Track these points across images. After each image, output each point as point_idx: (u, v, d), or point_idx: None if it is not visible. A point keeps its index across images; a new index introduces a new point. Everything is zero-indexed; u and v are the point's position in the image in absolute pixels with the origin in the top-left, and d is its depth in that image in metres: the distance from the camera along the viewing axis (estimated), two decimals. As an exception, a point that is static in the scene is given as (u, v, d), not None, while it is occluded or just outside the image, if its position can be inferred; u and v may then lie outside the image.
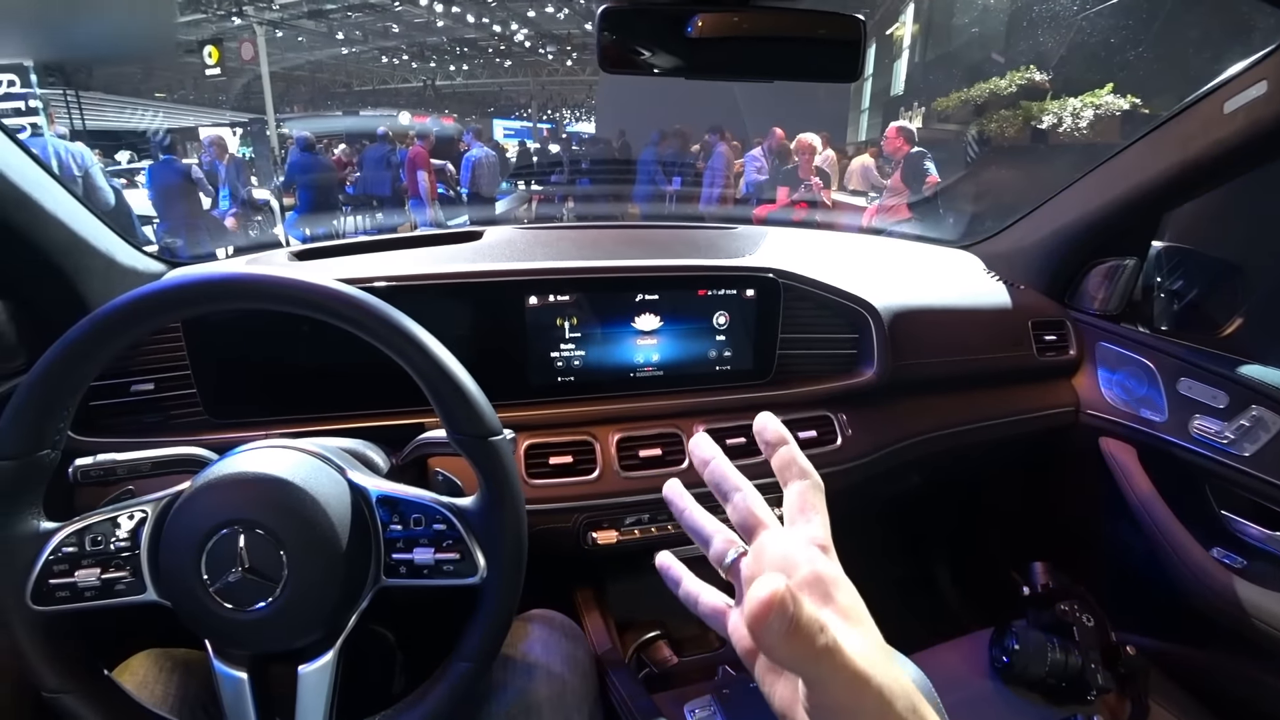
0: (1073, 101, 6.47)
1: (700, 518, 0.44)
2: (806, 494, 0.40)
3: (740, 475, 0.42)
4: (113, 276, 0.94)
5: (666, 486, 0.45)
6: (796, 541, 0.38)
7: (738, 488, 0.42)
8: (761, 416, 0.43)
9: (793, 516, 0.40)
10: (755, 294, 1.06)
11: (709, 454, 0.43)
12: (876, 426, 1.11)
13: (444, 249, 1.14)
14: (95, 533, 0.59)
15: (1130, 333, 1.24)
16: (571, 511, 0.95)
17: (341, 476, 0.63)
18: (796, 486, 0.40)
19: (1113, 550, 1.28)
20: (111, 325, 0.57)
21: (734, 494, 0.42)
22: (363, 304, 0.59)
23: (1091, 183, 1.24)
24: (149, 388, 0.90)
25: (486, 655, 0.63)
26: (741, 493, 0.41)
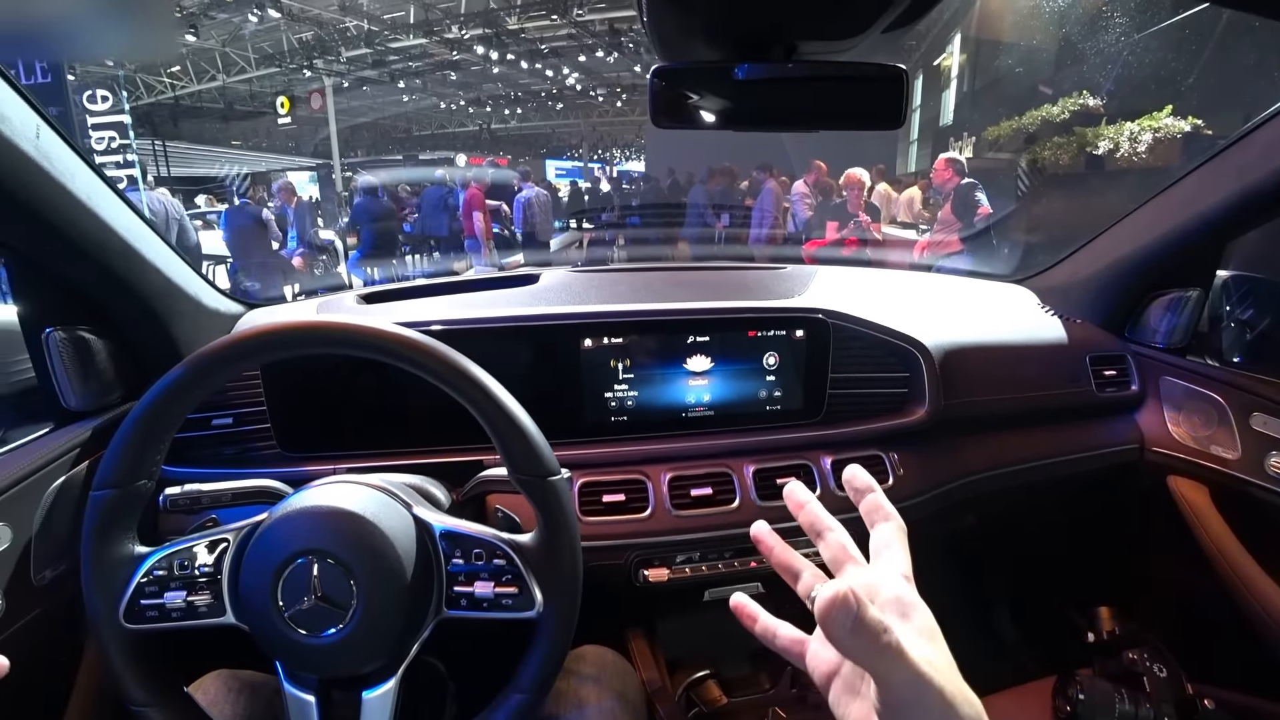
0: (1130, 125, 6.28)
1: (790, 555, 0.48)
2: (891, 533, 0.44)
3: (833, 518, 0.46)
4: (200, 318, 1.02)
5: (755, 527, 0.48)
6: (881, 571, 0.42)
7: (831, 528, 0.46)
8: (851, 468, 0.47)
9: (878, 551, 0.44)
10: (805, 334, 1.07)
11: (805, 498, 0.47)
12: (929, 466, 1.10)
13: (502, 293, 1.19)
14: (183, 557, 0.63)
15: (1197, 366, 1.20)
16: (624, 549, 0.97)
17: (407, 511, 0.66)
18: (882, 527, 0.44)
19: (1185, 596, 1.22)
20: (207, 368, 0.63)
21: (827, 533, 0.45)
22: (431, 349, 0.63)
23: (1149, 213, 1.21)
24: (228, 422, 0.97)
25: (541, 688, 0.64)
26: (835, 532, 0.45)
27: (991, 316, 1.32)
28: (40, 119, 0.71)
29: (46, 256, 0.82)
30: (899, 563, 0.43)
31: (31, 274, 0.85)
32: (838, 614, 0.34)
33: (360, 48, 14.78)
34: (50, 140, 0.72)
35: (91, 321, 0.91)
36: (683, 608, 1.07)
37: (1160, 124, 6.02)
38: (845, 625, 0.34)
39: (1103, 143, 6.49)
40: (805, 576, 0.46)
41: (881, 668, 0.36)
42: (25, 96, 0.70)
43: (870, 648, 0.35)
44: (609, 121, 24.54)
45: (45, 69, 5.77)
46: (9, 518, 0.78)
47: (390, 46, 14.82)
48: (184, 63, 15.59)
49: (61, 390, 0.90)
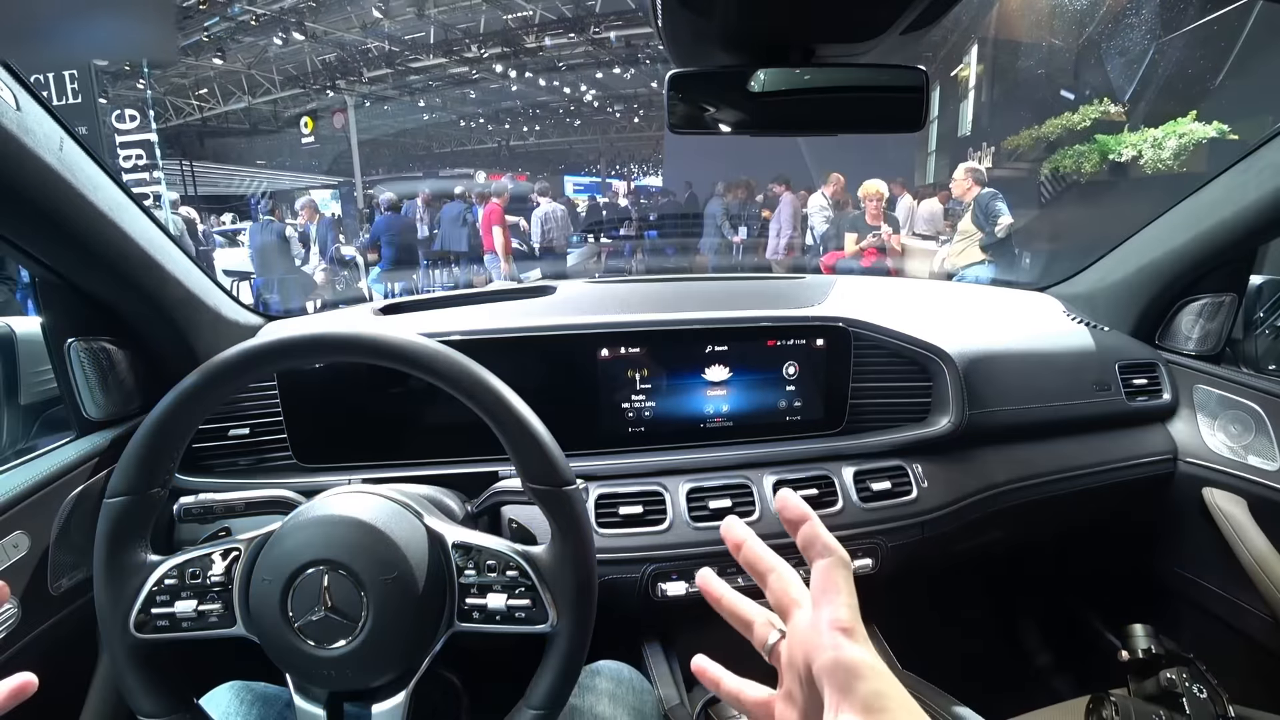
0: (1153, 132, 6.20)
1: (739, 604, 0.44)
2: (830, 572, 0.39)
3: (774, 555, 0.43)
4: (219, 329, 1.03)
5: (700, 576, 0.45)
6: (818, 627, 0.37)
7: (771, 568, 0.42)
8: (781, 494, 0.42)
9: (817, 598, 0.38)
10: (825, 343, 1.06)
11: (740, 536, 0.43)
12: (955, 477, 1.07)
13: (520, 304, 1.19)
14: (194, 567, 0.63)
15: (1232, 373, 1.17)
16: (641, 562, 0.95)
17: (420, 522, 0.65)
18: (820, 565, 0.39)
19: (1225, 613, 1.18)
20: (219, 376, 0.63)
21: (769, 575, 0.42)
22: (445, 358, 0.63)
23: (1179, 216, 1.19)
24: (245, 432, 0.98)
25: (554, 704, 0.63)
26: (776, 573, 0.42)
27: (1016, 324, 1.30)
28: (64, 132, 0.72)
29: (68, 267, 0.83)
30: (839, 613, 0.37)
31: (55, 285, 0.86)
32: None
33: (381, 68, 15.07)
34: (73, 153, 0.73)
35: (112, 332, 0.93)
36: (701, 623, 1.05)
37: (1184, 130, 5.93)
38: None
39: (1125, 150, 6.41)
40: (757, 627, 0.43)
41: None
42: (49, 110, 0.71)
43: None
44: (626, 136, 24.73)
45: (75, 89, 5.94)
46: (27, 526, 0.79)
47: (411, 66, 15.09)
48: (211, 85, 16.01)
49: (82, 400, 0.91)
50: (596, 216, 9.97)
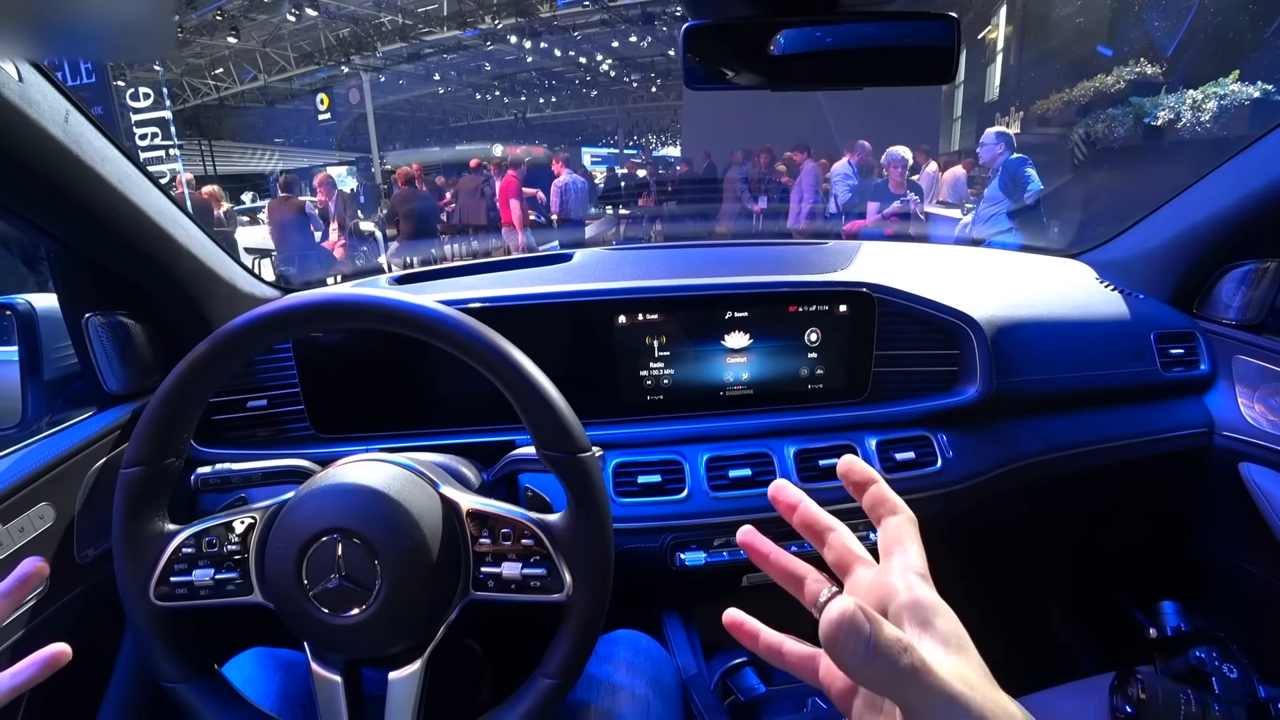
0: (1192, 93, 5.97)
1: (788, 560, 0.43)
2: (901, 527, 0.39)
3: (831, 516, 0.42)
4: (235, 301, 1.03)
5: (742, 533, 0.44)
6: (894, 571, 0.37)
7: (831, 527, 0.41)
8: (846, 459, 0.42)
9: (888, 549, 0.39)
10: (848, 309, 1.04)
11: (796, 497, 0.42)
12: (981, 448, 1.05)
13: (536, 270, 1.18)
14: (211, 535, 0.63)
15: (1274, 344, 1.12)
16: (660, 531, 0.95)
17: (434, 490, 0.65)
18: (890, 521, 0.39)
19: (1258, 591, 1.15)
20: (230, 343, 0.62)
21: (828, 534, 0.41)
22: (456, 322, 0.61)
23: (1222, 179, 1.14)
24: (263, 404, 0.99)
25: (570, 673, 0.63)
26: (836, 532, 0.41)
27: (1047, 292, 1.25)
28: (69, 104, 0.71)
29: (79, 239, 0.83)
30: (912, 560, 0.38)
31: (71, 261, 0.87)
32: (847, 639, 0.29)
33: (395, 41, 14.97)
34: (79, 125, 0.72)
35: (129, 306, 0.93)
36: (720, 592, 1.05)
37: (1226, 90, 5.71)
38: (858, 652, 0.29)
39: (1162, 113, 6.19)
40: (808, 583, 0.41)
41: (906, 694, 0.31)
42: (54, 81, 0.70)
43: (890, 673, 0.30)
44: (644, 106, 24.42)
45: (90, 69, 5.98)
46: (52, 498, 0.80)
47: (424, 39, 14.97)
48: (226, 64, 16.03)
49: (102, 374, 0.92)
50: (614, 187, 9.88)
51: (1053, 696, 0.92)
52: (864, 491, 0.41)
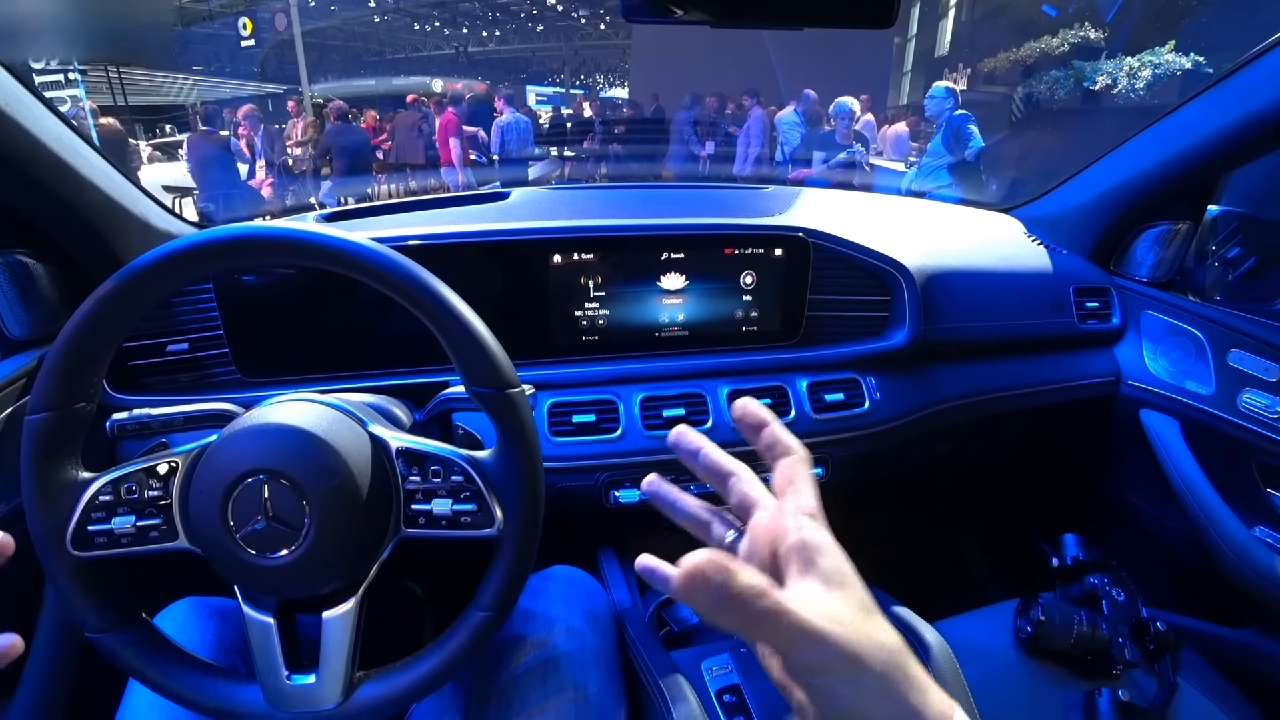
0: (1130, 61, 6.15)
1: (694, 506, 0.44)
2: (793, 467, 0.41)
3: (732, 459, 0.43)
4: (148, 239, 0.97)
5: (647, 482, 0.45)
6: (785, 511, 0.39)
7: (732, 472, 0.42)
8: (740, 401, 0.43)
9: (781, 489, 0.40)
10: (784, 253, 1.04)
11: (696, 443, 0.43)
12: (907, 391, 1.09)
13: (470, 209, 1.14)
14: (130, 482, 0.61)
15: (1180, 301, 1.19)
16: (595, 469, 0.96)
17: (362, 429, 0.64)
18: (783, 462, 0.41)
19: (1150, 526, 1.25)
20: (140, 280, 0.58)
21: (730, 479, 0.42)
22: (383, 257, 0.59)
23: (1144, 142, 1.18)
24: (183, 347, 0.94)
25: (504, 605, 0.63)
26: (736, 476, 0.42)
27: (976, 244, 1.30)
28: None
29: None
30: (804, 500, 0.39)
31: None
32: (696, 591, 0.30)
33: (328, -39, 13.95)
34: None
35: (31, 244, 0.87)
36: (655, 528, 1.07)
37: (1161, 60, 5.89)
38: (708, 601, 0.31)
39: (1101, 78, 6.36)
40: (714, 527, 0.43)
41: (768, 636, 0.33)
42: None
43: (747, 617, 0.31)
44: (592, 45, 23.59)
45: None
46: None
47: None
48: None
49: (3, 318, 0.86)
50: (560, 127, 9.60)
51: (965, 621, 0.99)
52: (759, 435, 0.42)
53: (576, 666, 0.76)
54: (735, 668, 0.80)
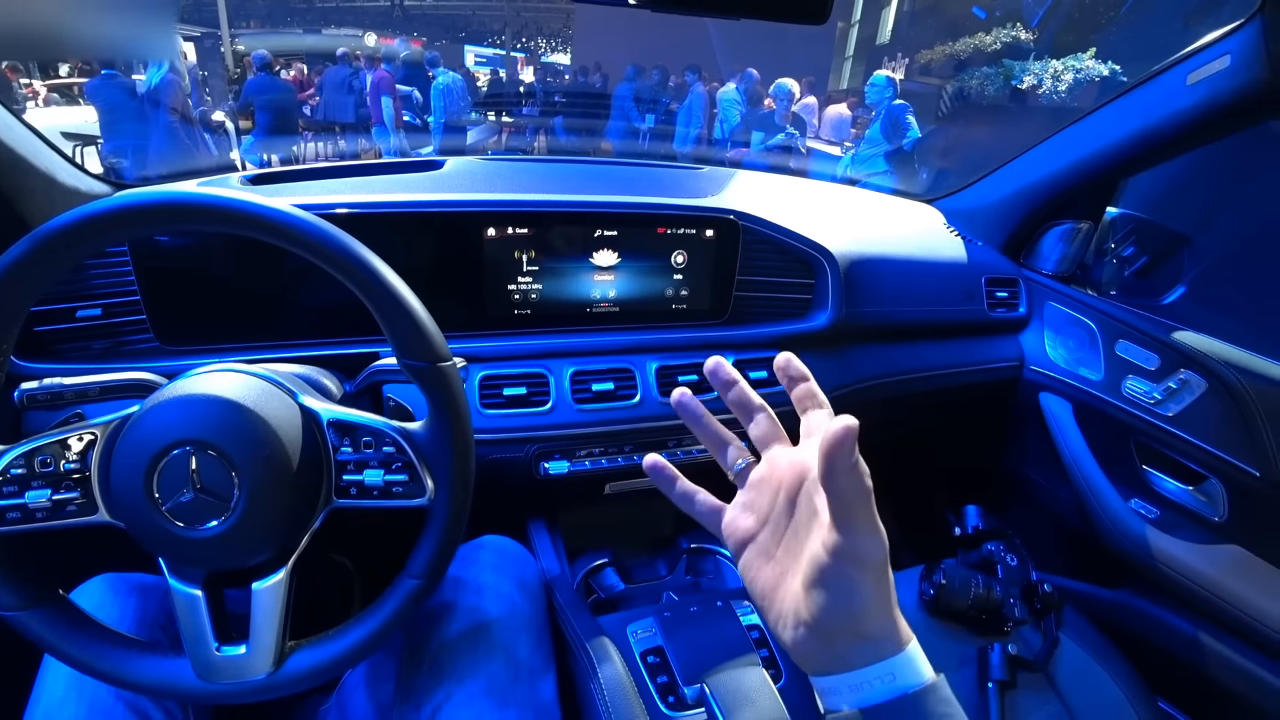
0: (1055, 64, 6.44)
1: (718, 426, 0.50)
2: (822, 420, 0.45)
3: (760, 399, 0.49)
4: (54, 196, 0.91)
5: (678, 394, 0.50)
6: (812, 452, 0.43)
7: (762, 408, 0.49)
8: (784, 355, 0.48)
9: (809, 432, 0.46)
10: (714, 234, 1.07)
11: (735, 376, 0.49)
12: (828, 370, 1.14)
13: (404, 177, 1.11)
14: (44, 454, 0.58)
15: (1078, 294, 1.27)
16: (525, 442, 0.97)
17: (293, 400, 0.63)
18: (814, 414, 0.46)
19: (1043, 498, 1.35)
20: (52, 245, 0.55)
21: (758, 413, 0.49)
22: (313, 227, 0.58)
23: (1054, 146, 1.25)
24: (96, 313, 0.88)
25: (435, 573, 0.64)
26: (766, 413, 0.49)
27: (899, 232, 1.35)
28: None
29: None
30: None
31: None
32: (845, 444, 0.35)
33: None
34: None
35: None
36: (584, 499, 1.10)
37: (1082, 65, 6.19)
38: (849, 456, 0.35)
39: (1028, 78, 6.64)
40: (730, 450, 0.49)
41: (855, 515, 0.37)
42: None
43: (858, 487, 0.37)
44: (534, 7, 22.89)
45: None
46: None
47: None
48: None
49: None
50: (498, 91, 9.30)
51: None
52: (796, 385, 0.47)
53: (506, 632, 0.78)
54: (659, 630, 0.83)
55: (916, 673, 0.40)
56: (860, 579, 0.39)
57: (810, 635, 0.41)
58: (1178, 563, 1.03)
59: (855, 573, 0.39)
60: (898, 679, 0.39)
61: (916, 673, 0.40)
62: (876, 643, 0.40)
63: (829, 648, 0.40)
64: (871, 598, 0.39)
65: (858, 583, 0.39)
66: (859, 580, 0.39)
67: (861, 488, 0.37)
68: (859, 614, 0.39)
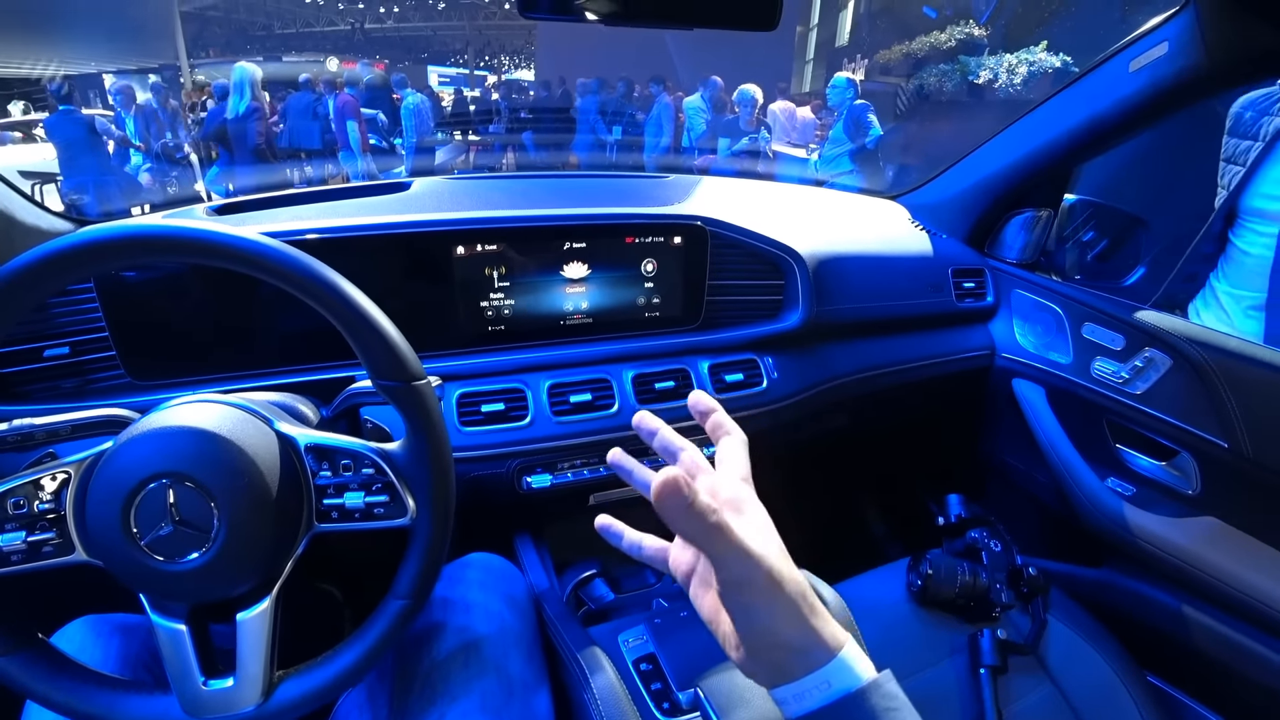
0: (1009, 57, 6.59)
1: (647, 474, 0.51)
2: (733, 445, 0.50)
3: (681, 438, 0.52)
4: (13, 235, 0.90)
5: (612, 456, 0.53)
6: (723, 475, 0.49)
7: (682, 447, 0.51)
8: (695, 393, 0.52)
9: (722, 460, 0.50)
10: (683, 241, 1.08)
11: (656, 425, 0.52)
12: (802, 369, 1.15)
13: (371, 200, 1.11)
14: (16, 496, 0.58)
15: (1043, 280, 1.30)
16: (506, 457, 0.97)
17: (269, 427, 0.62)
18: (725, 440, 0.51)
19: (1022, 483, 1.37)
20: (12, 286, 0.54)
21: (680, 453, 0.51)
22: (279, 254, 0.58)
23: (1009, 137, 1.28)
24: (64, 351, 0.87)
25: (421, 592, 0.64)
26: (686, 451, 0.51)
27: (865, 229, 1.38)
28: None
29: None
30: (739, 468, 0.49)
31: None
32: (670, 496, 0.38)
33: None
34: None
35: None
36: (568, 512, 1.10)
37: (1036, 58, 6.34)
38: (679, 506, 0.38)
39: (983, 73, 6.79)
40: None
41: (714, 547, 0.40)
42: None
43: (701, 527, 0.39)
44: (496, 25, 22.96)
45: None
46: None
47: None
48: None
49: None
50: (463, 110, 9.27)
51: (863, 580, 1.06)
52: (708, 419, 0.51)
53: (497, 649, 0.77)
54: (650, 638, 0.83)
55: (852, 675, 0.42)
56: (749, 600, 0.42)
57: (746, 655, 0.43)
58: (1156, 538, 1.05)
59: (741, 596, 0.42)
60: (833, 685, 0.41)
61: (852, 675, 0.42)
62: (806, 653, 0.42)
63: (766, 663, 0.43)
64: (769, 614, 0.42)
65: (748, 605, 0.42)
66: (749, 602, 0.42)
67: (705, 525, 0.39)
68: (766, 630, 0.42)
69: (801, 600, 0.42)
